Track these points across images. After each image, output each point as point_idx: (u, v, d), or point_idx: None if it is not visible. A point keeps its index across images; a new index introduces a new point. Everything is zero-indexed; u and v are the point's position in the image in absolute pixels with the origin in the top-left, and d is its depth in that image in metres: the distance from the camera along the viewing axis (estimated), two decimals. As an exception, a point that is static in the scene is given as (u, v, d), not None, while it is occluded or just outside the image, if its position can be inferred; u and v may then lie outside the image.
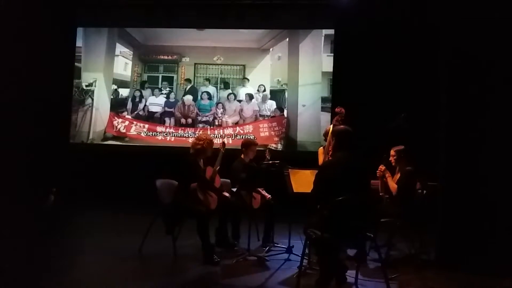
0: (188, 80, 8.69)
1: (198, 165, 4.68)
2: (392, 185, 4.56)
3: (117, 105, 8.75)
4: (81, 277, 3.94)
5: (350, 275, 3.65)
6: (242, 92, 8.59)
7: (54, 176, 7.67)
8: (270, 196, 5.13)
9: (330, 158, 4.22)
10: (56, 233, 5.70)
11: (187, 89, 8.67)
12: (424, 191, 4.66)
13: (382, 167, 4.63)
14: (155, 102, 8.70)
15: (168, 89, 8.73)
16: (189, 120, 8.57)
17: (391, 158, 4.71)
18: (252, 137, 8.03)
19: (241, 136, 8.19)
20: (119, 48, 8.86)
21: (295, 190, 4.28)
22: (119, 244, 5.02)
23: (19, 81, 7.54)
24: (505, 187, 4.30)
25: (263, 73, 8.56)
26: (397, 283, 3.87)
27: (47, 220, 6.41)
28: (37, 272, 3.96)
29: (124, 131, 8.61)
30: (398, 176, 4.65)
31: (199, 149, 4.65)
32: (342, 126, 3.73)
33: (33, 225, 5.98)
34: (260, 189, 5.09)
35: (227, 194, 4.81)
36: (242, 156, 5.19)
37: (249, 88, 8.56)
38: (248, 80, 8.57)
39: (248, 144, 5.27)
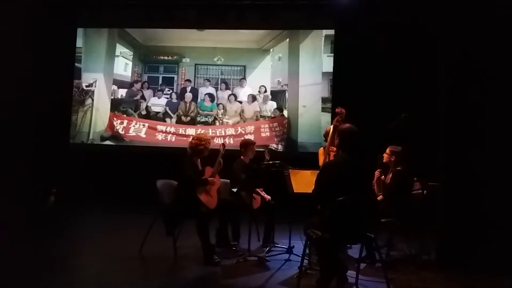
0: (189, 81, 8.70)
1: (196, 165, 4.68)
2: (379, 196, 4.55)
3: (118, 106, 8.76)
4: (81, 277, 3.94)
5: (351, 275, 3.65)
6: (241, 93, 8.59)
7: (54, 176, 7.66)
8: (269, 197, 5.13)
9: (331, 158, 4.23)
10: (56, 233, 5.69)
11: (187, 89, 8.68)
12: (424, 192, 4.65)
13: (377, 173, 4.62)
14: (157, 103, 8.72)
15: (167, 89, 8.73)
16: (188, 118, 8.58)
17: (384, 155, 4.70)
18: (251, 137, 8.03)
19: (242, 136, 8.18)
20: (119, 49, 8.87)
21: (295, 191, 4.28)
22: (119, 244, 5.03)
23: (19, 81, 7.54)
24: (505, 188, 4.30)
25: (264, 74, 8.56)
26: (397, 283, 3.86)
27: (47, 221, 6.41)
28: (37, 272, 3.96)
29: (123, 132, 8.61)
30: (390, 176, 4.65)
31: (201, 149, 4.64)
32: (347, 124, 3.64)
33: (33, 225, 5.98)
34: (259, 190, 5.09)
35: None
36: (242, 156, 5.18)
37: (248, 88, 8.56)
38: (246, 80, 8.57)
39: (246, 144, 5.27)
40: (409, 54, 7.20)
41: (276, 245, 4.96)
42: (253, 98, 8.49)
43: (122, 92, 8.80)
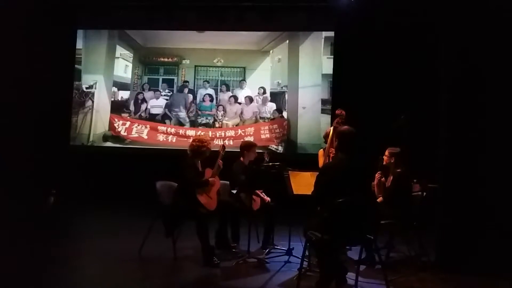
0: (186, 82, 8.71)
1: (196, 166, 4.68)
2: (379, 198, 4.55)
3: (118, 107, 8.76)
4: (81, 278, 3.94)
5: (350, 277, 3.65)
6: (241, 94, 8.60)
7: (54, 178, 7.66)
8: (269, 199, 5.12)
9: (331, 159, 4.23)
10: (56, 234, 5.69)
11: (185, 90, 8.70)
12: (424, 193, 4.65)
13: (378, 175, 4.62)
14: (157, 104, 8.72)
15: (167, 91, 8.74)
16: (187, 119, 8.59)
17: (384, 157, 4.71)
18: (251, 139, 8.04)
19: (242, 138, 8.18)
20: (120, 50, 8.88)
21: (295, 192, 4.27)
22: (119, 246, 5.02)
23: (19, 83, 7.55)
24: (504, 189, 4.30)
25: (263, 75, 8.57)
26: (397, 285, 3.86)
27: (46, 222, 6.41)
28: (36, 273, 3.96)
29: (125, 134, 8.62)
30: (391, 178, 4.65)
31: (203, 151, 4.64)
32: (345, 126, 3.65)
33: (33, 227, 5.98)
34: (259, 192, 5.08)
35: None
36: (242, 158, 5.18)
37: (247, 90, 8.57)
38: (245, 81, 8.58)
39: (248, 146, 5.24)
40: (409, 55, 7.21)
41: (275, 246, 4.95)
42: (250, 99, 8.50)
43: (122, 94, 8.81)
